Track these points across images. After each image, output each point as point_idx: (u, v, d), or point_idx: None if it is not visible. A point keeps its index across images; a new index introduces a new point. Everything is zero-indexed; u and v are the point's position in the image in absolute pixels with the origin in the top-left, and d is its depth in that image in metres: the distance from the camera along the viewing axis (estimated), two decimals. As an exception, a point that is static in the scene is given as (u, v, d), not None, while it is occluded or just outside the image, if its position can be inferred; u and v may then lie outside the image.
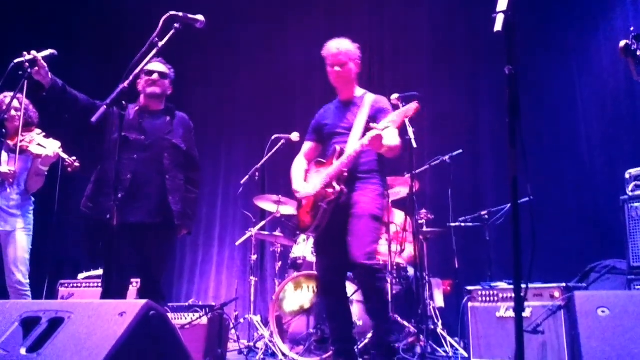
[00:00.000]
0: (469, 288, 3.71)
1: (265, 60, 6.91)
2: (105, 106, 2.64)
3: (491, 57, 5.39)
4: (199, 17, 2.91)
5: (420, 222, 4.70)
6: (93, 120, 2.59)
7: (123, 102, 2.73)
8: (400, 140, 3.15)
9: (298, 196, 3.32)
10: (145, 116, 3.38)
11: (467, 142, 5.47)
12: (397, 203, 4.86)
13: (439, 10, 6.15)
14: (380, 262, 4.37)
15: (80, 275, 4.80)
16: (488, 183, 5.65)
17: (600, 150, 5.21)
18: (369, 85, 5.76)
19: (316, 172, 3.29)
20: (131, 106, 3.38)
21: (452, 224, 4.74)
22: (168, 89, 3.47)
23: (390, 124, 2.94)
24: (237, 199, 6.61)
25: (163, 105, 3.47)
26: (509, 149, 1.99)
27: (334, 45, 3.27)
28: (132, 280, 3.78)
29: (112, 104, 2.67)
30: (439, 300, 4.73)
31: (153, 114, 3.42)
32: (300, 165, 3.45)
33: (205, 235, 7.02)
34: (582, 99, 5.40)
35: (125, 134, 3.22)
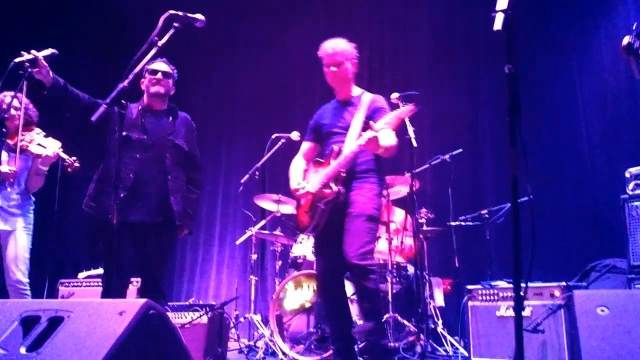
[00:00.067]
0: (469, 287, 3.71)
1: (265, 60, 6.91)
2: (105, 105, 2.65)
3: (491, 56, 5.39)
4: (199, 16, 2.92)
5: (420, 221, 4.71)
6: (93, 119, 2.59)
7: (123, 101, 2.73)
8: (396, 140, 3.15)
9: (296, 195, 3.33)
10: (148, 115, 3.37)
11: (467, 141, 5.47)
12: (398, 202, 4.86)
13: (439, 9, 6.14)
14: (380, 262, 4.42)
15: (81, 275, 4.80)
16: (488, 182, 5.65)
17: (600, 149, 5.21)
18: (369, 85, 5.80)
19: (314, 172, 3.30)
20: (134, 105, 3.38)
21: (453, 223, 4.74)
22: (171, 89, 3.46)
23: (385, 125, 2.95)
24: (237, 198, 6.63)
25: (166, 105, 3.46)
26: (509, 148, 1.99)
27: (330, 46, 3.26)
28: (132, 280, 3.79)
29: (112, 103, 2.67)
30: (439, 299, 4.73)
31: (156, 114, 3.41)
32: (298, 165, 3.45)
33: (206, 234, 7.02)
34: (582, 98, 5.39)
35: (127, 134, 3.23)
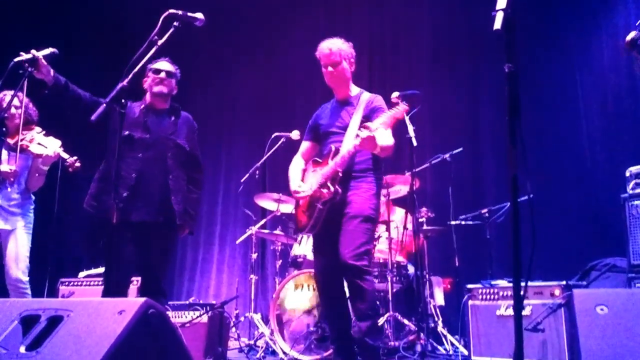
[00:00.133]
0: (469, 286, 3.71)
1: (265, 60, 6.91)
2: (104, 104, 2.65)
3: (492, 55, 5.39)
4: (199, 15, 2.92)
5: (420, 220, 4.71)
6: (92, 118, 2.60)
7: (123, 100, 2.73)
8: (393, 140, 3.14)
9: (297, 197, 3.33)
10: (150, 115, 3.37)
11: (467, 140, 5.46)
12: (398, 201, 4.86)
13: (440, 9, 6.14)
14: (381, 261, 4.42)
15: (81, 274, 4.80)
16: (488, 181, 5.65)
17: (600, 148, 5.20)
18: (369, 85, 5.80)
19: (313, 171, 3.30)
20: (136, 104, 3.38)
21: (453, 222, 4.74)
22: (174, 89, 3.46)
23: (381, 125, 2.95)
24: (237, 197, 6.64)
25: (168, 105, 3.47)
26: (508, 147, 1.99)
27: (326, 46, 3.26)
28: (132, 279, 3.79)
29: (111, 102, 2.68)
30: (439, 299, 4.73)
31: (158, 113, 3.41)
32: (297, 164, 3.45)
33: (206, 234, 7.02)
34: (583, 97, 5.39)
35: (130, 133, 3.24)
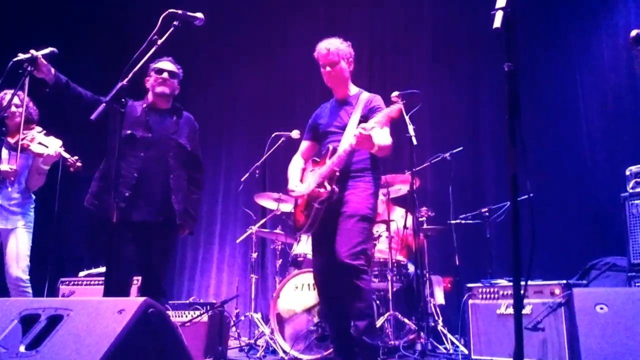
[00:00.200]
0: (470, 285, 3.71)
1: (265, 60, 6.90)
2: (104, 103, 2.65)
3: (492, 54, 5.38)
4: (198, 14, 2.92)
5: (420, 219, 4.71)
6: (92, 117, 2.60)
7: (122, 100, 2.73)
8: (390, 139, 3.15)
9: (292, 195, 3.33)
10: (152, 114, 3.38)
11: (467, 139, 5.46)
12: (398, 200, 4.86)
13: (440, 8, 6.14)
14: (381, 260, 4.42)
15: (82, 273, 4.80)
16: (488, 180, 5.64)
17: (601, 147, 5.20)
18: (369, 84, 5.79)
19: (311, 171, 3.30)
20: (138, 103, 3.39)
21: (453, 222, 4.74)
22: (176, 89, 3.47)
23: (376, 124, 2.95)
24: (237, 197, 6.64)
25: (170, 104, 3.47)
26: (508, 146, 1.99)
27: (324, 46, 3.26)
28: (133, 278, 3.79)
29: (111, 101, 2.68)
30: (440, 298, 4.73)
31: (160, 112, 3.42)
32: (296, 164, 3.45)
33: (206, 233, 7.03)
34: (582, 97, 5.39)
35: (132, 132, 3.24)
